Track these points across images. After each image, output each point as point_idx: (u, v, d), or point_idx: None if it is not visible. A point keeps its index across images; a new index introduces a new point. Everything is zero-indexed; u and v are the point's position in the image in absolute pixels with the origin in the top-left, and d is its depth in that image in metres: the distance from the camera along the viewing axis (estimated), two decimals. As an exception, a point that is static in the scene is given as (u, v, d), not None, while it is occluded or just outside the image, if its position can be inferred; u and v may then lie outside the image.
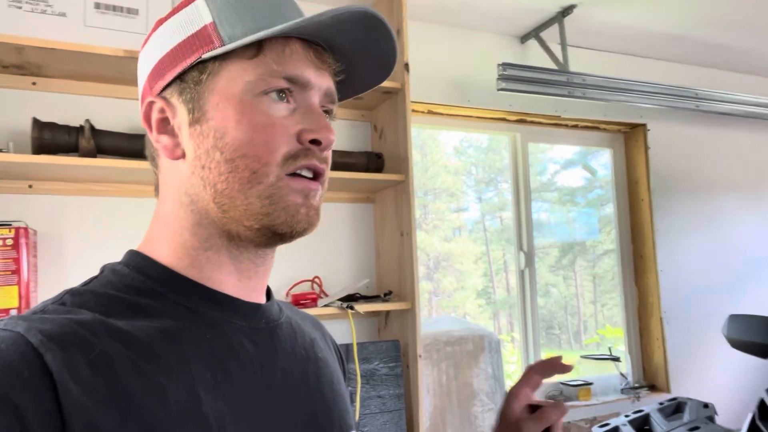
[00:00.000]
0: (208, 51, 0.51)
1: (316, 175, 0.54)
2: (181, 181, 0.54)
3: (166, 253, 0.55)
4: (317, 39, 0.54)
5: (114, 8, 1.48)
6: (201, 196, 0.53)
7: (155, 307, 0.51)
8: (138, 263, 0.54)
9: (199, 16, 0.53)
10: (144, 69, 0.57)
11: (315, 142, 0.52)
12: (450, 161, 2.79)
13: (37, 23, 1.41)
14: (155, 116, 0.55)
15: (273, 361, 0.56)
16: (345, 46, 0.55)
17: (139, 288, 0.52)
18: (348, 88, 0.61)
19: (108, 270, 0.54)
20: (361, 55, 0.57)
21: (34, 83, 1.59)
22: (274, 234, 0.53)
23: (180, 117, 0.54)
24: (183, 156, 0.54)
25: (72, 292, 0.50)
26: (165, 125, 0.55)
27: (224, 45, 0.51)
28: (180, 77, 0.53)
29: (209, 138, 0.52)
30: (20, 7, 1.39)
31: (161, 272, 0.53)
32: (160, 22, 0.56)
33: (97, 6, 1.47)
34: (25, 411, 0.39)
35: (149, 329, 0.48)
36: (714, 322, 2.61)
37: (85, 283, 0.52)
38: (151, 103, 0.55)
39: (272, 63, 0.51)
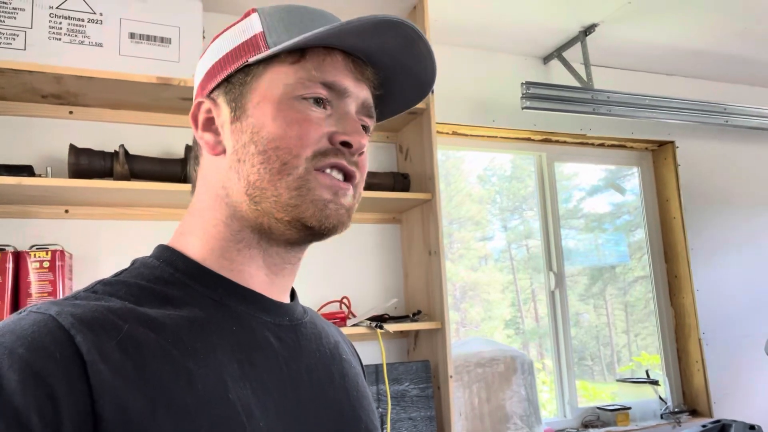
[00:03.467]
0: (254, 56, 0.55)
1: (347, 178, 0.56)
2: (219, 176, 0.57)
3: (198, 245, 0.56)
4: (358, 52, 0.56)
5: (147, 38, 1.54)
6: (235, 189, 0.55)
7: (183, 298, 0.52)
8: (168, 257, 0.56)
9: (250, 27, 0.56)
10: (198, 76, 0.61)
11: (346, 144, 0.54)
12: (474, 190, 2.78)
13: (75, 54, 1.47)
14: (202, 116, 0.58)
15: (298, 357, 0.56)
16: (385, 61, 0.57)
17: (168, 280, 0.53)
18: (387, 108, 0.64)
19: (139, 263, 0.56)
20: (401, 73, 0.59)
21: (71, 112, 1.65)
22: (305, 227, 0.53)
23: (223, 116, 0.57)
24: (223, 152, 0.56)
25: (104, 282, 0.51)
26: (210, 124, 0.58)
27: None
28: (227, 80, 0.57)
29: (247, 133, 0.54)
30: (60, 39, 1.45)
31: (189, 265, 0.55)
32: (217, 36, 0.60)
33: (132, 36, 1.53)
34: (57, 390, 0.40)
35: (177, 318, 0.49)
36: (756, 342, 2.52)
37: (117, 274, 0.54)
38: (199, 103, 0.59)
39: (312, 69, 0.54)
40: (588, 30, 2.22)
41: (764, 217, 2.79)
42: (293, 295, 0.63)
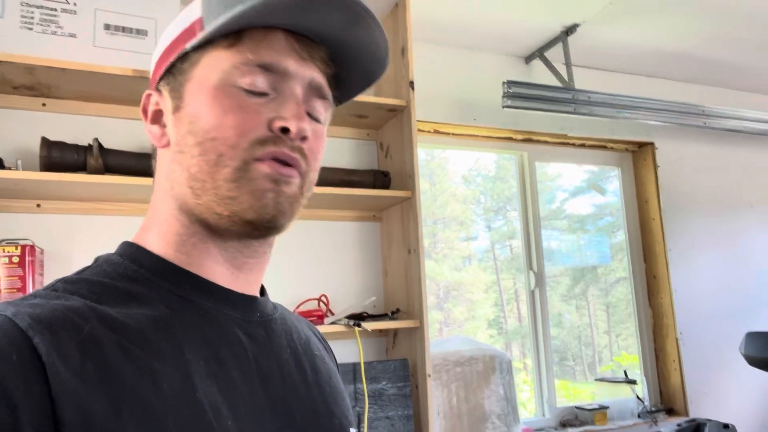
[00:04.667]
0: (190, 42, 0.53)
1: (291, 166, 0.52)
2: (164, 169, 0.56)
3: (157, 240, 0.55)
4: (301, 30, 0.53)
5: (123, 29, 1.51)
6: (178, 181, 0.54)
7: (148, 295, 0.51)
8: (132, 253, 0.54)
9: (192, 13, 0.55)
10: (151, 68, 0.61)
11: (285, 130, 0.51)
12: (458, 190, 2.79)
13: (48, 44, 1.43)
14: (151, 108, 0.57)
15: (268, 353, 0.55)
16: (333, 38, 0.55)
17: (132, 277, 0.52)
18: (350, 88, 0.61)
19: (102, 260, 0.54)
20: (354, 50, 0.56)
21: (44, 104, 1.61)
22: (244, 221, 0.51)
23: (167, 107, 0.56)
24: (168, 144, 0.55)
25: (64, 280, 0.50)
26: (159, 117, 0.57)
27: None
28: (169, 70, 0.56)
29: (185, 123, 0.53)
30: (31, 29, 1.42)
31: (154, 261, 0.54)
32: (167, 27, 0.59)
33: (107, 27, 1.50)
34: (13, 395, 0.38)
35: (141, 316, 0.48)
36: (732, 342, 2.55)
37: (79, 272, 0.52)
38: (148, 96, 0.58)
39: (248, 51, 0.51)
40: (570, 30, 2.23)
41: (741, 218, 2.83)
42: (263, 291, 0.62)
